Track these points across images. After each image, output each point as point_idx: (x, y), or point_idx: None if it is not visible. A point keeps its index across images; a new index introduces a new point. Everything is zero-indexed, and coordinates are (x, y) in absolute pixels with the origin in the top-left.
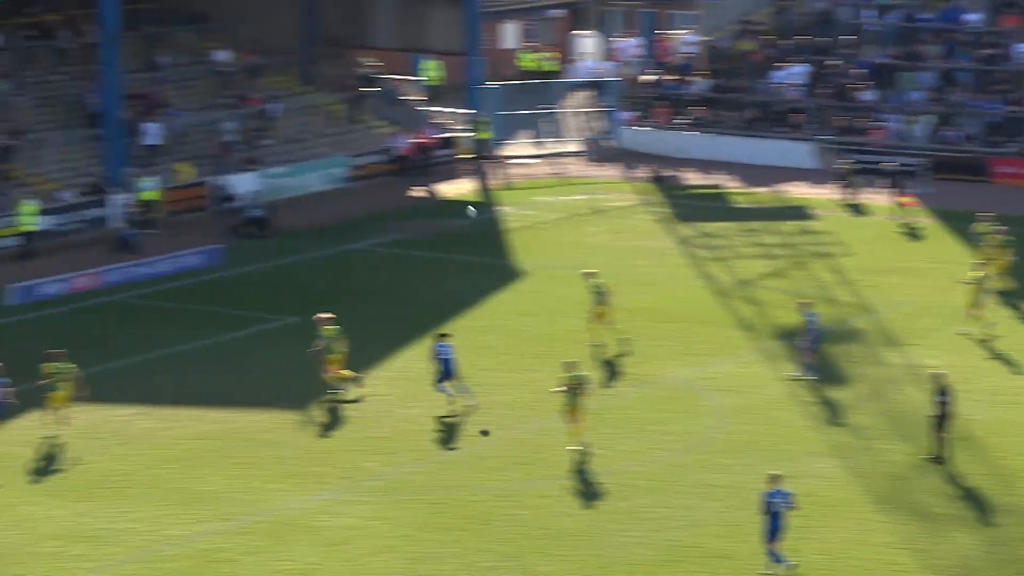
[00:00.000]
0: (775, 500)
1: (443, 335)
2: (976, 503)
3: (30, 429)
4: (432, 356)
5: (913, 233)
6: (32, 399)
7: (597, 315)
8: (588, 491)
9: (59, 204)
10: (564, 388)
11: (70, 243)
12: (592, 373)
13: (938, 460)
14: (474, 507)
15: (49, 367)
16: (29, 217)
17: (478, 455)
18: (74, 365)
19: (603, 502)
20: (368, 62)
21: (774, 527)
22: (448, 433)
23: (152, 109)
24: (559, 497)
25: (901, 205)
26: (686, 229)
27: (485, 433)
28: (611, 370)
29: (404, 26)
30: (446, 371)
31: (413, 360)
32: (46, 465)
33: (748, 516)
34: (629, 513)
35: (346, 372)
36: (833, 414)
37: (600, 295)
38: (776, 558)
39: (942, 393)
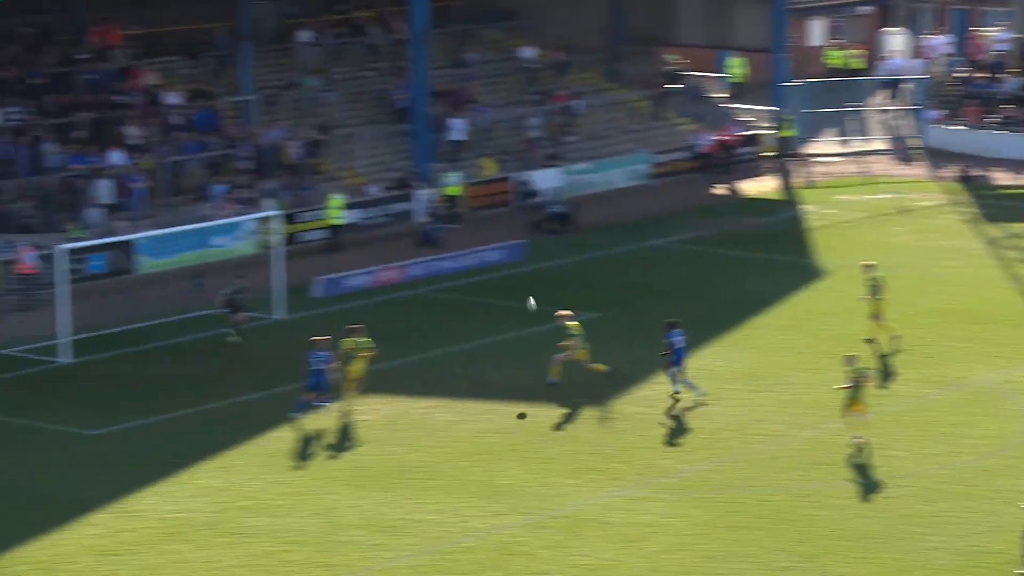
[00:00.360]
0: None
1: (672, 323)
2: None
3: (330, 418)
4: (665, 344)
5: None
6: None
7: (873, 311)
8: (888, 493)
9: (366, 198)
10: (847, 384)
11: (375, 237)
12: (879, 369)
13: None
14: (770, 506)
15: (348, 342)
16: (336, 211)
17: (773, 455)
18: (370, 340)
19: (904, 505)
20: (673, 59)
21: None
22: (737, 432)
23: (459, 105)
24: (857, 498)
25: None
26: (994, 230)
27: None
28: (885, 367)
29: (711, 23)
30: (675, 359)
31: (712, 358)
32: (348, 454)
33: None
34: (931, 517)
35: (598, 366)
36: None
37: (875, 288)
38: None
39: None
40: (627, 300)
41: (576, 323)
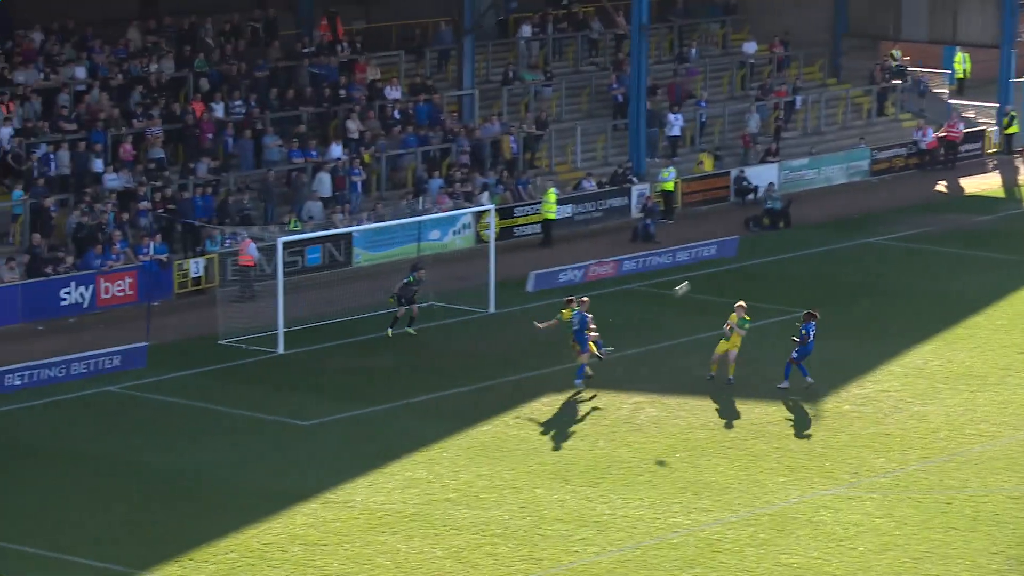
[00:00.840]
0: None
1: (810, 315)
2: None
3: (537, 413)
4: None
5: None
6: (541, 383)
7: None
8: None
9: (581, 193)
10: None
11: (589, 232)
12: None
13: None
14: (984, 508)
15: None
16: (551, 205)
17: (990, 455)
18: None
19: None
20: (897, 54)
21: None
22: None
23: (678, 100)
24: None
25: None
26: None
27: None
28: None
29: (935, 17)
30: (803, 351)
31: (929, 356)
32: (556, 449)
33: None
34: None
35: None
36: None
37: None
38: None
39: None
40: (842, 297)
41: (746, 316)
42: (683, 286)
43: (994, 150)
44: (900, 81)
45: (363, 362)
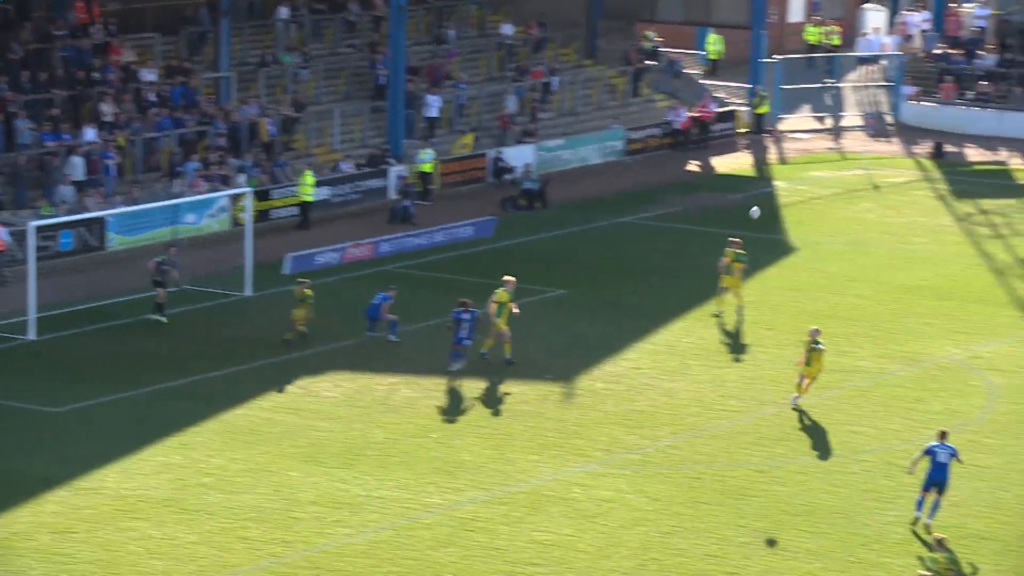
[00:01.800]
0: (939, 451)
1: (462, 302)
2: None
3: (292, 396)
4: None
5: None
6: (295, 368)
7: (728, 284)
8: (850, 468)
9: (338, 175)
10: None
11: (347, 214)
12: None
13: None
14: (732, 482)
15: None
16: (308, 188)
17: (737, 430)
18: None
19: (865, 480)
20: (651, 35)
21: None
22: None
23: (436, 81)
24: (819, 474)
25: None
26: (966, 206)
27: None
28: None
29: None
30: (460, 338)
31: (679, 334)
32: (309, 431)
33: (1013, 497)
34: (892, 491)
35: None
36: None
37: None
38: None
39: None
40: (596, 276)
41: (505, 294)
42: (755, 211)
43: (745, 130)
44: (654, 62)
45: (118, 347)
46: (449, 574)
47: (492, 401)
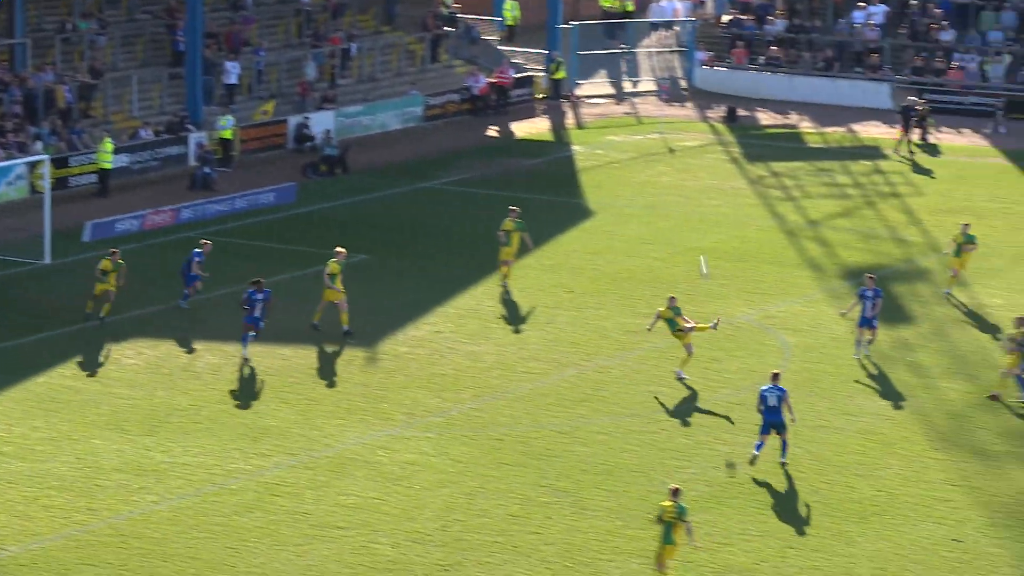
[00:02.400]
0: (768, 394)
1: (255, 282)
2: None
3: (93, 363)
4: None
5: (925, 172)
6: (97, 336)
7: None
8: (648, 428)
9: (137, 142)
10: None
11: (146, 181)
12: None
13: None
14: (534, 443)
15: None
16: (107, 155)
17: (539, 392)
18: None
19: (663, 439)
20: (448, 1)
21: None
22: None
23: (234, 48)
24: (619, 434)
25: (898, 140)
26: (758, 169)
27: None
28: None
29: None
30: (253, 318)
31: (481, 297)
32: (113, 399)
33: (803, 453)
34: (688, 450)
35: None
36: (896, 353)
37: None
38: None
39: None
40: (398, 241)
41: (336, 265)
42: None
43: (542, 95)
44: (452, 28)
45: None
46: (255, 539)
47: (296, 366)
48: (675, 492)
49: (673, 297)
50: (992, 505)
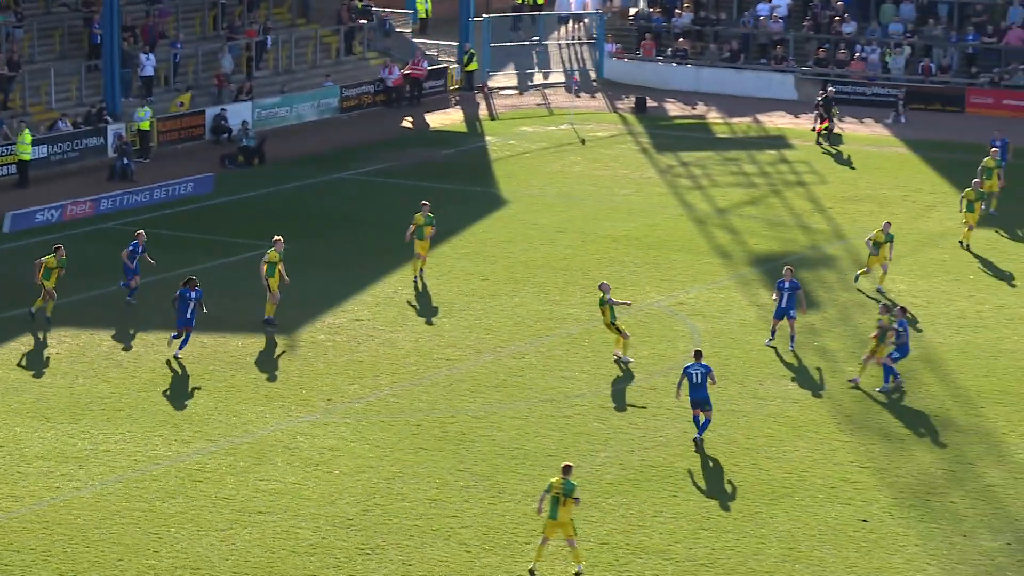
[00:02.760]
0: (693, 372)
1: (188, 280)
2: (938, 422)
3: (16, 352)
4: (176, 301)
5: (846, 161)
6: (19, 325)
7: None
8: (563, 413)
9: (57, 133)
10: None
11: (65, 172)
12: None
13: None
14: (452, 428)
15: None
16: (25, 146)
17: (455, 379)
18: None
19: (578, 423)
20: None
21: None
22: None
23: (151, 41)
24: (534, 418)
25: (818, 132)
26: (667, 159)
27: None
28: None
29: None
30: (185, 321)
31: (398, 285)
32: (35, 387)
33: (715, 437)
34: (603, 434)
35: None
36: (804, 338)
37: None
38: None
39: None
40: (314, 231)
41: (275, 254)
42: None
43: (456, 86)
44: (366, 21)
45: None
46: (177, 524)
47: (216, 354)
48: (566, 469)
49: (605, 283)
50: (897, 486)
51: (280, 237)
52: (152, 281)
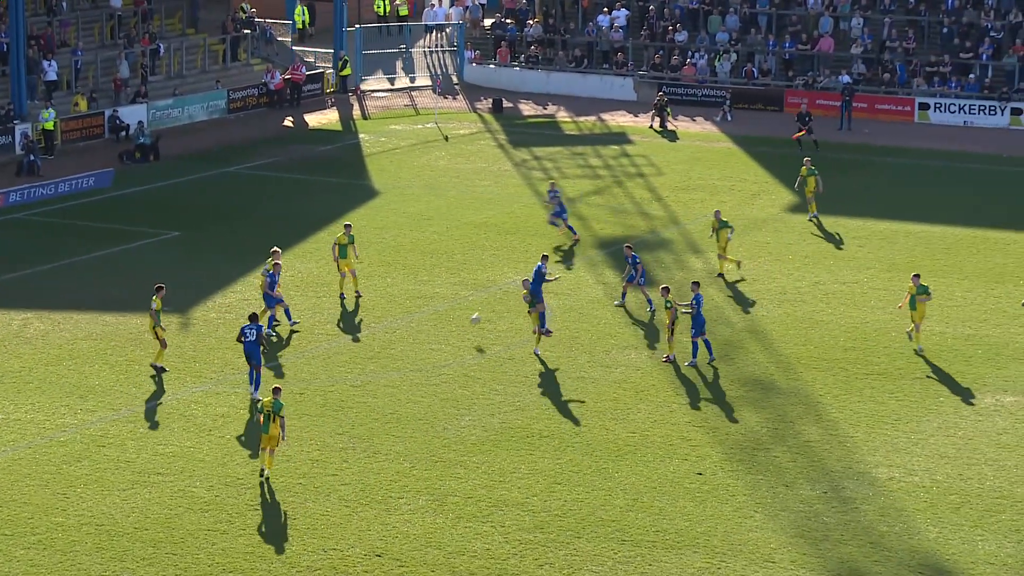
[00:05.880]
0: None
1: (251, 316)
2: (762, 386)
3: None
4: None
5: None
6: None
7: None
8: (431, 380)
9: None
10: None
11: None
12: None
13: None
14: (332, 396)
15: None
16: None
17: (334, 351)
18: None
19: (444, 390)
20: (245, 6)
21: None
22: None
23: (53, 48)
24: (406, 387)
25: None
26: (522, 154)
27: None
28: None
29: None
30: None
31: (284, 270)
32: None
33: (566, 401)
34: (466, 400)
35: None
36: (644, 312)
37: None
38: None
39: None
40: (206, 221)
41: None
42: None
43: (332, 90)
44: (249, 31)
45: None
46: (83, 485)
47: (118, 331)
48: (276, 391)
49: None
50: (727, 443)
51: (278, 248)
52: (59, 267)
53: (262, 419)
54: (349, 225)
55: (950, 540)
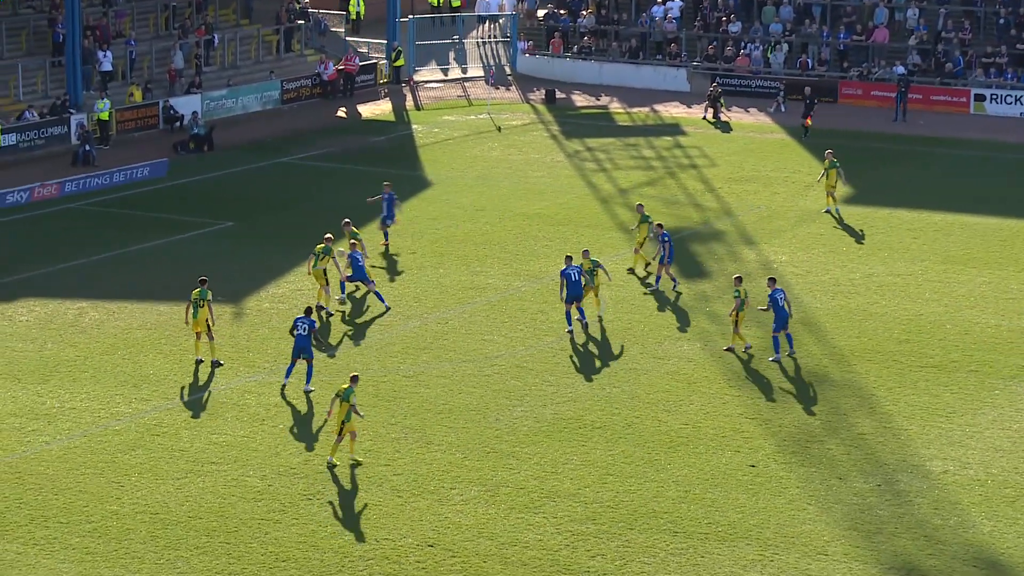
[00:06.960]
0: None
1: (307, 309)
2: (816, 378)
3: None
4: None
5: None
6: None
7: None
8: (484, 372)
9: (24, 123)
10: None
11: (32, 158)
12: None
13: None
14: (384, 386)
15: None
16: None
17: (387, 342)
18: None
19: (497, 381)
20: None
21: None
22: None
23: (108, 39)
24: (459, 377)
25: (706, 120)
26: (575, 144)
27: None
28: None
29: None
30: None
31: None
32: (6, 351)
33: (619, 392)
34: (519, 391)
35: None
36: (697, 304)
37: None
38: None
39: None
40: (259, 211)
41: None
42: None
43: (385, 80)
44: (303, 21)
45: None
46: (137, 474)
47: (172, 320)
48: (354, 379)
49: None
50: (780, 435)
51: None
52: (114, 256)
53: (339, 403)
54: (330, 237)
55: (1005, 534)
